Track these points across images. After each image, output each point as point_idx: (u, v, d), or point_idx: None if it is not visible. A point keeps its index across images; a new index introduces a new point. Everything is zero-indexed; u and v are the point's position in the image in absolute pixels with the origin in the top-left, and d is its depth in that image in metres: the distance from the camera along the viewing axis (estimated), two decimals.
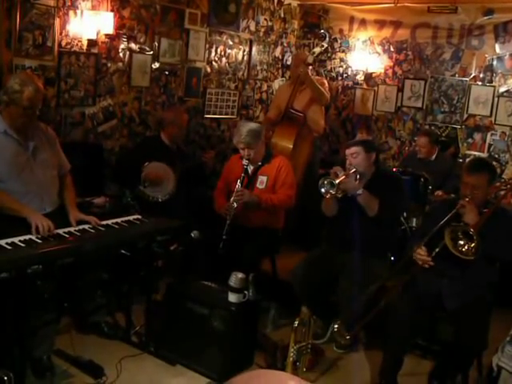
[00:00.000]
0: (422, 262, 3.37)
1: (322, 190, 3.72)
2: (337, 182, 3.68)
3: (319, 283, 3.91)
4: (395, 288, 3.59)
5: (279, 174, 4.38)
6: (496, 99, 5.96)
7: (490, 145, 6.06)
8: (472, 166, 3.48)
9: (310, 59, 5.66)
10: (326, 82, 5.84)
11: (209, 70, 6.16)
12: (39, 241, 3.00)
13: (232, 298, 3.44)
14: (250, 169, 4.45)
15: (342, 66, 7.03)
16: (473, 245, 3.18)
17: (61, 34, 4.72)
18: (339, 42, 6.98)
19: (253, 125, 4.52)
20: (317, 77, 6.13)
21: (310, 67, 5.71)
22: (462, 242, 3.22)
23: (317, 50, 5.69)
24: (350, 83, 6.97)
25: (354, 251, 3.82)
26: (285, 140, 5.42)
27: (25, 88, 3.18)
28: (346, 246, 3.87)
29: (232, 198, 4.24)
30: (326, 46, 5.78)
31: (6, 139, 3.25)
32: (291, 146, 5.39)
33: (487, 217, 3.29)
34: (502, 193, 4.04)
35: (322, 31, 6.19)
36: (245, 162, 4.38)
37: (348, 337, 3.81)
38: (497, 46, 5.93)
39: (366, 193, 3.81)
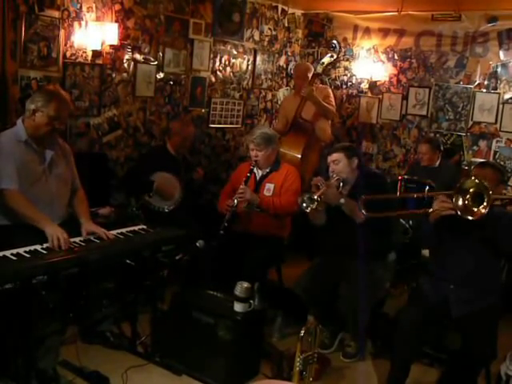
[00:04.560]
0: (446, 208, 3.15)
1: (303, 205, 3.68)
2: (315, 196, 3.65)
3: (324, 293, 3.89)
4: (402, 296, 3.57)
5: (285, 181, 4.39)
6: (501, 106, 5.95)
7: (495, 152, 6.04)
8: (482, 163, 3.57)
9: (319, 69, 5.65)
10: (330, 91, 5.84)
11: (213, 79, 6.18)
12: (44, 251, 3.00)
13: (238, 307, 3.44)
14: (258, 174, 4.46)
15: (346, 75, 7.03)
16: (476, 209, 3.08)
17: (65, 45, 4.74)
18: (343, 50, 6.98)
19: (268, 130, 4.57)
20: (321, 85, 6.13)
21: (318, 77, 5.70)
22: (462, 203, 3.09)
23: (326, 59, 5.65)
24: (355, 92, 6.97)
25: (352, 256, 3.79)
26: (293, 150, 5.43)
27: (53, 98, 3.30)
28: (344, 252, 3.86)
29: (234, 196, 4.24)
30: (335, 56, 5.76)
31: (26, 148, 3.34)
32: (299, 156, 5.39)
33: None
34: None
35: (334, 41, 6.14)
36: (252, 163, 4.39)
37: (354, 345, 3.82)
38: (501, 53, 5.92)
39: (348, 201, 3.80)
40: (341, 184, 3.86)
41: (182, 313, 3.61)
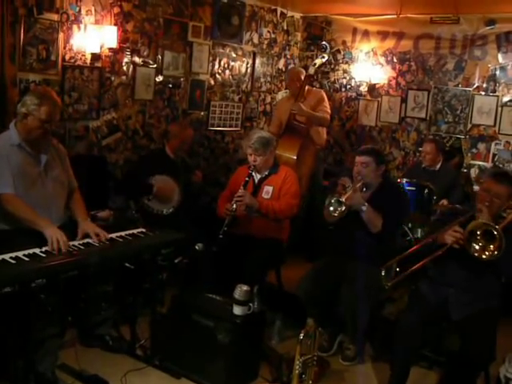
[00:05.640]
0: (456, 238, 3.21)
1: (331, 209, 3.70)
2: (344, 199, 3.67)
3: (326, 295, 3.88)
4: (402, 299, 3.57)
5: (284, 184, 4.38)
6: (500, 109, 5.96)
7: (494, 155, 6.04)
8: (499, 176, 3.40)
9: (312, 70, 5.71)
10: (325, 95, 5.82)
11: (212, 82, 6.19)
12: (43, 255, 2.99)
13: (237, 310, 3.43)
14: (257, 177, 4.46)
15: (345, 78, 7.04)
16: (492, 246, 3.09)
17: (64, 48, 4.76)
18: (342, 53, 7.00)
19: (264, 133, 4.56)
20: (315, 89, 6.13)
21: (311, 78, 5.74)
22: (478, 246, 3.12)
23: (318, 61, 5.74)
24: (354, 94, 6.98)
25: (357, 261, 3.80)
26: (288, 151, 5.43)
27: (44, 101, 3.26)
28: (349, 256, 3.85)
29: (233, 200, 4.24)
30: (327, 57, 5.82)
31: (19, 152, 3.31)
32: (295, 157, 5.39)
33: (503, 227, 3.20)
34: None
35: (324, 42, 6.25)
36: (251, 167, 4.39)
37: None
38: (499, 56, 5.93)
39: (370, 209, 3.79)
40: (364, 189, 3.86)
41: (181, 316, 3.60)
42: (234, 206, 4.22)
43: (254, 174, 4.42)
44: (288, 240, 4.55)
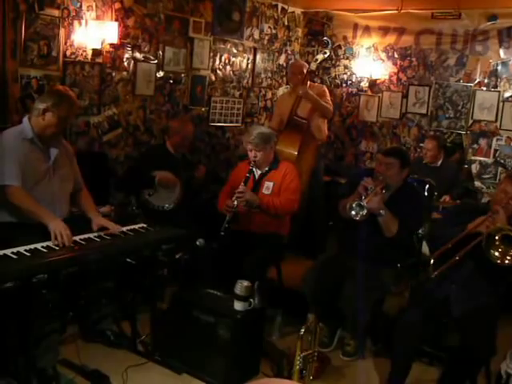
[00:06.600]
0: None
1: (353, 213, 3.64)
2: (365, 203, 3.62)
3: (330, 289, 3.86)
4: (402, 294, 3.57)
5: (284, 179, 4.38)
6: (501, 104, 5.95)
7: (495, 150, 6.04)
8: None
9: (313, 66, 5.68)
10: (326, 90, 5.80)
11: (213, 78, 6.18)
12: (44, 250, 3.00)
13: (238, 306, 3.43)
14: (257, 173, 4.45)
15: (346, 73, 7.03)
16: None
17: (66, 43, 4.76)
18: (343, 49, 6.99)
19: (264, 129, 4.57)
20: (317, 84, 6.12)
21: (312, 74, 5.72)
22: (498, 252, 3.12)
23: (320, 56, 5.70)
24: (355, 90, 6.97)
25: (363, 258, 3.78)
26: (289, 147, 5.42)
27: (64, 100, 3.32)
28: (356, 252, 3.83)
29: (234, 196, 4.24)
30: (328, 52, 5.81)
31: (31, 146, 3.34)
32: (296, 153, 5.38)
33: None
34: None
35: (325, 38, 6.25)
36: (251, 163, 4.39)
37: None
38: (501, 51, 5.92)
39: (388, 214, 3.72)
40: (383, 191, 3.80)
41: (181, 311, 3.60)
42: (235, 202, 4.22)
43: (254, 169, 4.42)
44: (288, 236, 4.55)
